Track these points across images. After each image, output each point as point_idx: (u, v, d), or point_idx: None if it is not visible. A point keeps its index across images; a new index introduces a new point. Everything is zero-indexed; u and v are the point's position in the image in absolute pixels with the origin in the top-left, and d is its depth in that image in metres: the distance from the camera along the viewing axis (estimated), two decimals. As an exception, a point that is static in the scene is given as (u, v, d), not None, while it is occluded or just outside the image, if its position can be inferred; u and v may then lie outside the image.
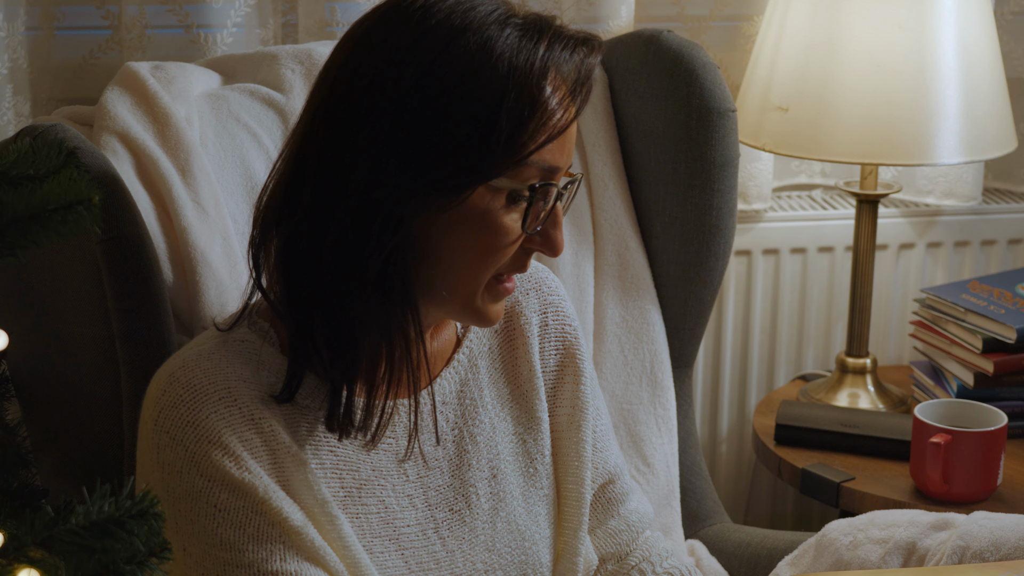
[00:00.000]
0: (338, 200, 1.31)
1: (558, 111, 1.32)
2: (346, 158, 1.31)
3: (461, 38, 1.30)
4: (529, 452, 1.51)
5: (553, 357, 1.54)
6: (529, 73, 1.30)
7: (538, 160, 1.32)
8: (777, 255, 2.46)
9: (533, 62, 1.31)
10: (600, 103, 1.98)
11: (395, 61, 1.31)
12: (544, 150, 1.32)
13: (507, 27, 1.31)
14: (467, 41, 1.30)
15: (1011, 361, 2.20)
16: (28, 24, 2.05)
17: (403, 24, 1.32)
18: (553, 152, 1.33)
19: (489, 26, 1.31)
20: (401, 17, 1.33)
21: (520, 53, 1.30)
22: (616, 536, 1.58)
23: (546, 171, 1.34)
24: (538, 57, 1.31)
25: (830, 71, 2.10)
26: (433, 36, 1.31)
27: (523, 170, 1.32)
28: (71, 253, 1.57)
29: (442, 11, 1.32)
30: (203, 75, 1.87)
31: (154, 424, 1.34)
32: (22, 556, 0.98)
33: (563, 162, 1.35)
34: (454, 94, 1.29)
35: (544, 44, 1.32)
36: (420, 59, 1.30)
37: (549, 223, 1.36)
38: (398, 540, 1.42)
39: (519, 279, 1.53)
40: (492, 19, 1.32)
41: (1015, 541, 1.62)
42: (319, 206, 1.32)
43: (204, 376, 1.34)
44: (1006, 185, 2.57)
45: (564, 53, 1.33)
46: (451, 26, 1.31)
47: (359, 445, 1.39)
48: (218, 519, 1.32)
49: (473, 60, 1.30)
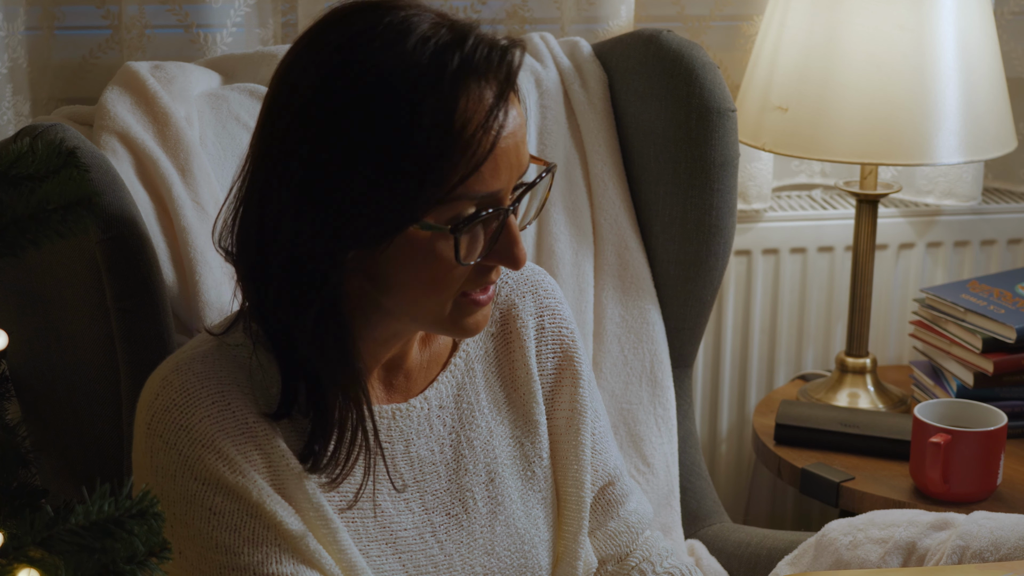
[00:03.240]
0: (273, 235, 1.31)
1: (475, 139, 1.26)
2: (274, 197, 1.30)
3: (366, 79, 1.26)
4: (527, 455, 1.51)
5: (550, 361, 1.53)
6: (435, 111, 1.25)
7: (465, 193, 1.27)
8: (777, 255, 2.46)
9: (440, 96, 1.25)
10: (600, 103, 1.98)
11: (307, 105, 1.28)
12: (470, 183, 1.27)
13: (416, 55, 1.26)
14: (371, 83, 1.26)
15: (1011, 361, 2.20)
16: (28, 24, 2.05)
17: (316, 60, 1.29)
18: (484, 179, 1.28)
19: (396, 59, 1.26)
20: (318, 48, 1.30)
21: (424, 90, 1.25)
22: (616, 538, 1.58)
23: (482, 199, 1.29)
24: (445, 87, 1.25)
25: (830, 71, 2.10)
26: (342, 77, 1.27)
27: (451, 205, 1.28)
28: (71, 253, 1.57)
29: (356, 43, 1.28)
30: (203, 75, 1.87)
31: (147, 428, 1.34)
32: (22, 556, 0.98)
33: (504, 180, 1.30)
34: (359, 140, 1.26)
35: (451, 69, 1.26)
36: (329, 105, 1.27)
37: (504, 239, 1.32)
38: (395, 544, 1.41)
39: (515, 283, 1.53)
40: (399, 49, 1.26)
41: (1015, 541, 1.62)
42: (259, 237, 1.32)
43: (197, 380, 1.34)
44: (1006, 185, 2.57)
45: (475, 76, 1.27)
46: (360, 65, 1.27)
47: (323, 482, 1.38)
48: (213, 522, 1.32)
49: (376, 104, 1.25)
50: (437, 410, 1.46)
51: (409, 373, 1.46)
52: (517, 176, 1.32)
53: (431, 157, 1.25)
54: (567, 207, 1.95)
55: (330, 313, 1.31)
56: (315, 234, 1.28)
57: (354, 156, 1.26)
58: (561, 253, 1.93)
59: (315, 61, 1.29)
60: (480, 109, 1.27)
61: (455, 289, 1.33)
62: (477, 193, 1.28)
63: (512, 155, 1.30)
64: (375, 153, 1.25)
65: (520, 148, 1.31)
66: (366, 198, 1.26)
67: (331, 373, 1.33)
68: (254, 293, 1.35)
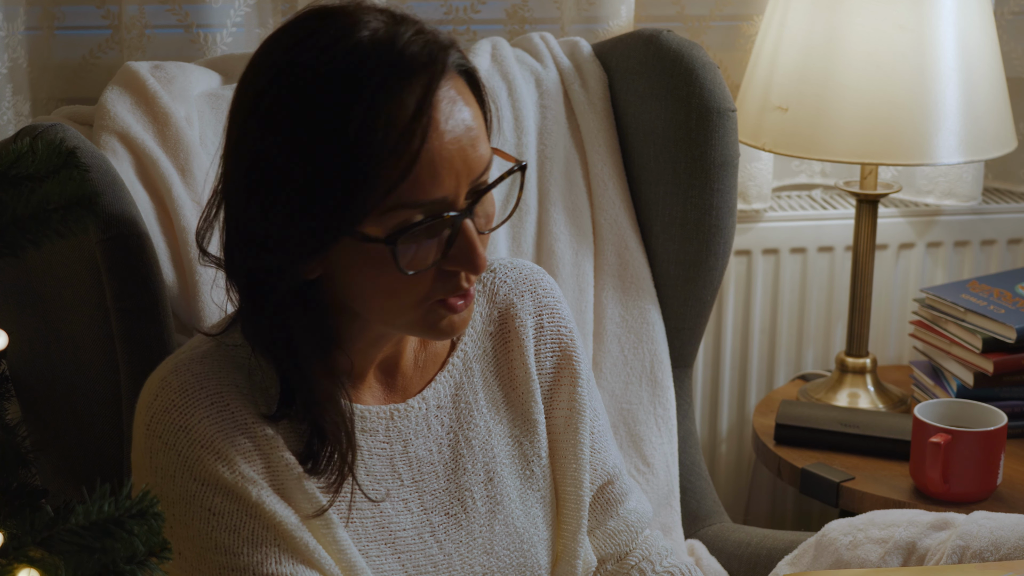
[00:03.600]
0: (234, 248, 1.32)
1: (403, 144, 1.24)
2: (228, 213, 1.32)
3: (293, 95, 1.26)
4: (525, 455, 1.51)
5: (549, 360, 1.53)
6: (360, 118, 1.23)
7: (404, 200, 1.25)
8: (777, 255, 2.46)
9: (363, 106, 1.23)
10: (600, 103, 1.98)
11: (246, 122, 1.29)
12: (406, 188, 1.25)
13: (338, 72, 1.24)
14: (299, 99, 1.25)
15: (1011, 361, 2.20)
16: (28, 24, 2.05)
17: (253, 81, 1.30)
18: (423, 186, 1.25)
19: (321, 76, 1.25)
20: (253, 75, 1.31)
21: (348, 103, 1.23)
22: (615, 537, 1.58)
23: (425, 206, 1.27)
24: (367, 100, 1.23)
25: (830, 71, 2.10)
26: (272, 91, 1.27)
27: (393, 213, 1.26)
28: (71, 253, 1.57)
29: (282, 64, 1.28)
30: (203, 75, 1.87)
31: (146, 429, 1.34)
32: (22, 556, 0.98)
33: (449, 188, 1.27)
34: (289, 153, 1.25)
35: (372, 80, 1.24)
36: (262, 115, 1.27)
37: (459, 245, 1.29)
38: (394, 544, 1.41)
39: (514, 283, 1.52)
40: (325, 66, 1.25)
41: (1015, 541, 1.62)
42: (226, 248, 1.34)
43: (196, 381, 1.34)
44: (1006, 185, 2.57)
45: (401, 80, 1.24)
46: (286, 81, 1.26)
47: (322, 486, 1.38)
48: (212, 523, 1.32)
49: (303, 116, 1.25)
50: (435, 410, 1.46)
51: (407, 373, 1.46)
52: (468, 179, 1.29)
53: (357, 165, 1.24)
54: (567, 207, 1.95)
55: (289, 324, 1.32)
56: (261, 245, 1.29)
57: (288, 165, 1.26)
58: (561, 253, 1.93)
59: (261, 69, 1.30)
60: (405, 113, 1.24)
61: (419, 295, 1.31)
62: (417, 201, 1.26)
63: (456, 159, 1.27)
64: (306, 162, 1.25)
65: (468, 151, 1.28)
66: (300, 208, 1.26)
67: (299, 381, 1.33)
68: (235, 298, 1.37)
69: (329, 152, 1.24)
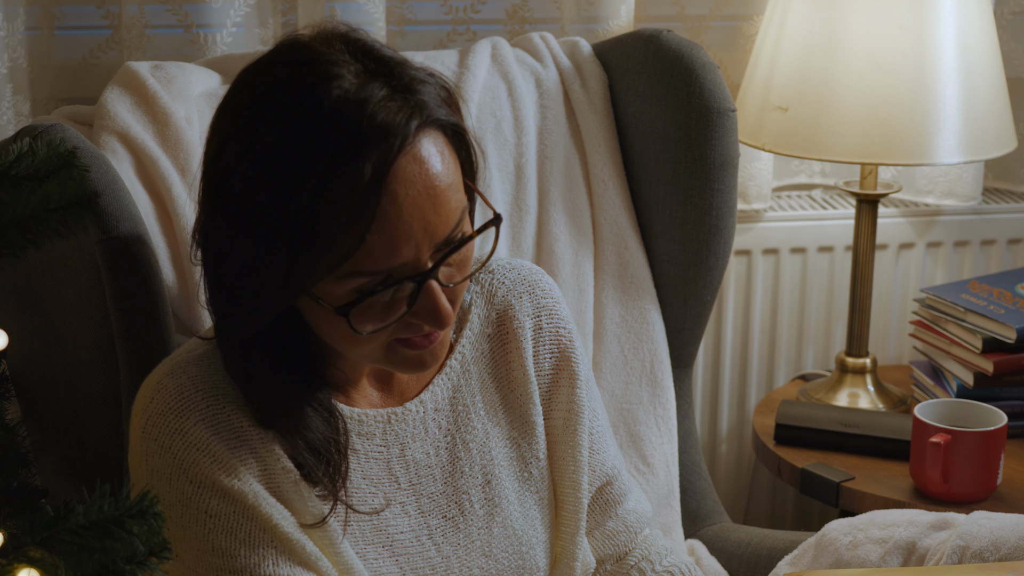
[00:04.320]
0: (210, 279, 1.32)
1: (353, 218, 1.21)
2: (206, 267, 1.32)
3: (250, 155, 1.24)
4: (524, 457, 1.51)
5: (548, 361, 1.53)
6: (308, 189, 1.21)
7: (358, 269, 1.24)
8: (777, 255, 2.46)
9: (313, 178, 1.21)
10: (600, 103, 1.98)
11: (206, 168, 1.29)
12: (360, 259, 1.23)
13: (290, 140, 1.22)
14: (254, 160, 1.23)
15: (1011, 361, 2.20)
16: (28, 24, 2.05)
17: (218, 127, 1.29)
18: (376, 256, 1.23)
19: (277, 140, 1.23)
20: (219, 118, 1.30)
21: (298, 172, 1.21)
22: (614, 537, 1.58)
23: (383, 273, 1.25)
24: (317, 173, 1.21)
25: (830, 71, 2.10)
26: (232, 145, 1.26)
27: (347, 280, 1.25)
28: (71, 253, 1.57)
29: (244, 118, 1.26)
30: (203, 75, 1.87)
31: (142, 431, 1.34)
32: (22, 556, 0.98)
33: (407, 256, 1.25)
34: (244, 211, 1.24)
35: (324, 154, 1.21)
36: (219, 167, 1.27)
37: (423, 302, 1.28)
38: (392, 548, 1.41)
39: (512, 284, 1.52)
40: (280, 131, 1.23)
41: (1015, 541, 1.62)
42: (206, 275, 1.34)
43: (191, 384, 1.34)
44: (1006, 185, 2.57)
45: (352, 154, 1.21)
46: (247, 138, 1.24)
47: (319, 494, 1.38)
48: (209, 525, 1.32)
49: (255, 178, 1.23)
50: (432, 413, 1.46)
51: (403, 377, 1.46)
52: (430, 243, 1.26)
53: (309, 232, 1.22)
54: (567, 207, 1.95)
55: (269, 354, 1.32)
56: (229, 289, 1.29)
57: (239, 223, 1.25)
58: (561, 253, 1.93)
59: (227, 116, 1.28)
60: (358, 186, 1.21)
61: (380, 342, 1.31)
62: (373, 269, 1.25)
63: (415, 226, 1.24)
64: (259, 222, 1.24)
65: (429, 216, 1.25)
66: (256, 267, 1.25)
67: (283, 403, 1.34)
68: None
69: (283, 216, 1.22)
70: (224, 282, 1.29)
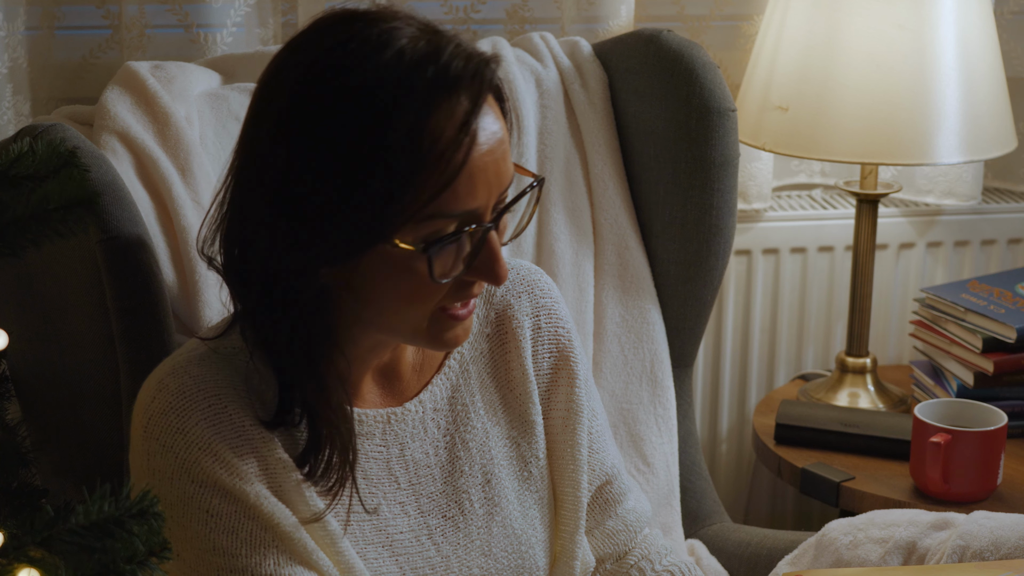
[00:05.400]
0: (249, 254, 1.31)
1: (448, 156, 1.24)
2: (248, 217, 1.30)
3: (337, 100, 1.25)
4: (523, 456, 1.51)
5: (547, 360, 1.53)
6: (405, 129, 1.23)
7: (441, 211, 1.26)
8: (777, 255, 2.46)
9: (409, 117, 1.23)
10: (600, 103, 1.98)
11: (277, 126, 1.27)
12: (443, 201, 1.25)
13: (383, 81, 1.24)
14: (339, 104, 1.24)
15: (1011, 361, 2.20)
16: (28, 24, 2.05)
17: (286, 83, 1.28)
18: (459, 196, 1.26)
19: (364, 79, 1.24)
20: (284, 77, 1.29)
21: (393, 113, 1.23)
22: (614, 537, 1.58)
23: (458, 217, 1.27)
24: (413, 111, 1.23)
25: (830, 71, 2.10)
26: (311, 95, 1.26)
27: (427, 223, 1.27)
28: (71, 253, 1.57)
29: (320, 67, 1.27)
30: (203, 75, 1.87)
31: (144, 431, 1.34)
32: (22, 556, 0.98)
33: (483, 198, 1.28)
34: (326, 158, 1.25)
35: (418, 91, 1.24)
36: (299, 119, 1.26)
37: (484, 257, 1.30)
38: (392, 547, 1.41)
39: (511, 283, 1.52)
40: (371, 66, 1.25)
41: (1015, 541, 1.62)
42: (239, 255, 1.32)
43: (193, 383, 1.34)
44: (1006, 185, 2.57)
45: (446, 91, 1.25)
46: (327, 85, 1.25)
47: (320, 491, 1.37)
48: (210, 524, 1.32)
49: (342, 123, 1.24)
50: (432, 413, 1.46)
51: (403, 377, 1.46)
52: (497, 192, 1.30)
53: (400, 174, 1.24)
54: (567, 207, 1.95)
55: (306, 325, 1.31)
56: (288, 248, 1.28)
57: (325, 171, 1.25)
58: (561, 253, 1.93)
59: (293, 72, 1.28)
60: (451, 125, 1.25)
61: (434, 303, 1.32)
62: (452, 211, 1.27)
63: (491, 171, 1.28)
64: (345, 169, 1.24)
65: (500, 164, 1.29)
66: (336, 215, 1.25)
67: (307, 384, 1.33)
68: (240, 301, 1.35)
69: (371, 162, 1.23)
70: (291, 238, 1.27)
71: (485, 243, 1.30)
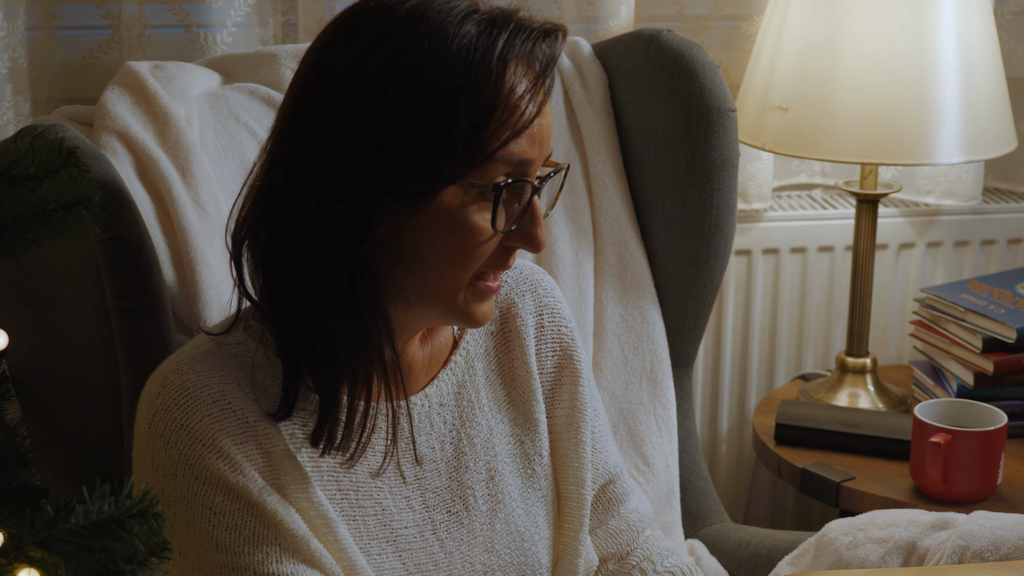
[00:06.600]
0: (304, 213, 1.31)
1: (522, 105, 1.30)
2: (308, 169, 1.31)
3: (416, 40, 1.29)
4: (527, 454, 1.51)
5: (550, 359, 1.54)
6: (487, 70, 1.29)
7: (505, 155, 1.30)
8: (777, 255, 2.46)
9: (490, 59, 1.29)
10: (600, 103, 1.98)
11: (351, 69, 1.30)
12: (511, 145, 1.30)
13: (466, 24, 1.30)
14: (422, 43, 1.29)
15: (1011, 361, 2.20)
16: (28, 24, 2.05)
17: (359, 31, 1.31)
18: (522, 146, 1.31)
19: (446, 25, 1.30)
20: (358, 23, 1.32)
21: (476, 50, 1.29)
22: (617, 536, 1.58)
23: (517, 165, 1.32)
24: (496, 53, 1.30)
25: (830, 71, 2.10)
26: (388, 40, 1.30)
27: (490, 167, 1.30)
28: (71, 253, 1.57)
29: (400, 14, 1.31)
30: (203, 75, 1.87)
31: (148, 427, 1.34)
32: (22, 556, 0.98)
33: (536, 154, 1.33)
34: (409, 97, 1.28)
35: (503, 38, 1.31)
36: (374, 65, 1.29)
37: (528, 219, 1.35)
38: (395, 542, 1.42)
39: (514, 282, 1.53)
40: (451, 17, 1.30)
41: (1015, 541, 1.62)
42: (288, 219, 1.32)
43: (198, 379, 1.34)
44: (1006, 185, 2.57)
45: (526, 45, 1.32)
46: (406, 28, 1.30)
47: (339, 463, 1.38)
48: (213, 522, 1.32)
49: (428, 62, 1.28)
50: (438, 407, 1.46)
51: (410, 370, 1.46)
52: (545, 156, 1.35)
53: (477, 115, 1.28)
54: (567, 207, 1.95)
55: (366, 266, 1.32)
56: (354, 196, 1.29)
57: (406, 113, 1.28)
58: (561, 253, 1.93)
59: (373, 20, 1.31)
60: (527, 78, 1.31)
61: (474, 268, 1.34)
62: (515, 157, 1.31)
63: (545, 133, 1.34)
64: (425, 110, 1.28)
65: (548, 132, 1.35)
66: (411, 153, 1.28)
67: (364, 324, 1.32)
68: (272, 276, 1.34)
69: (454, 100, 1.28)
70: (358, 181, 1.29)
71: (531, 205, 1.34)
